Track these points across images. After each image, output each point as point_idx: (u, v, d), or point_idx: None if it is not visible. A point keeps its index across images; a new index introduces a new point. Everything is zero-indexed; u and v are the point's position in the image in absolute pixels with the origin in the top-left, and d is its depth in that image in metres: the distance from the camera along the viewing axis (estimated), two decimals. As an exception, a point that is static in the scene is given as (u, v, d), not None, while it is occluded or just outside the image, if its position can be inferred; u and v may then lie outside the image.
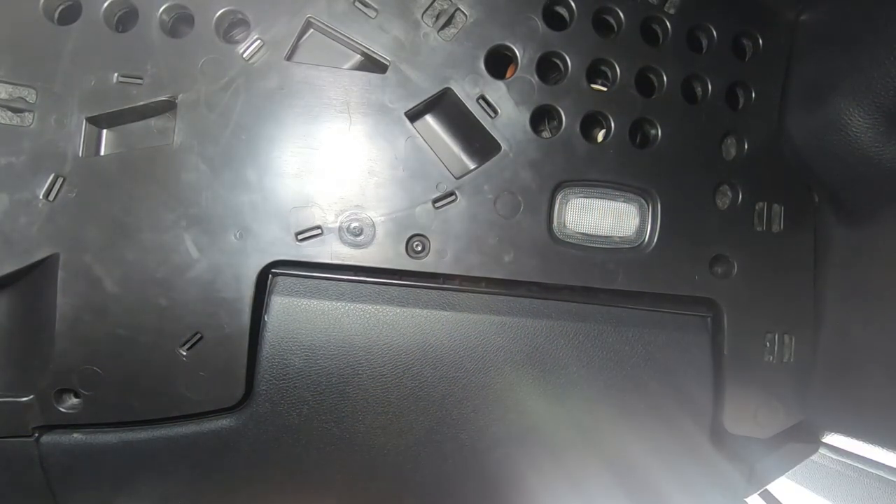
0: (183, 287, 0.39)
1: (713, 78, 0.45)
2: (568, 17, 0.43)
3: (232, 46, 0.40)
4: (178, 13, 0.41)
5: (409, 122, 0.41)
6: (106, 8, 0.39)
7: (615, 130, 0.43)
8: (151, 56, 0.39)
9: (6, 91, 0.39)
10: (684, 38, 0.44)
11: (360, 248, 0.41)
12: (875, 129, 0.39)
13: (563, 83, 0.42)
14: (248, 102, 0.40)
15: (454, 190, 0.41)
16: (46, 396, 0.39)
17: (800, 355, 0.47)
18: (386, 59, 0.41)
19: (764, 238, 0.46)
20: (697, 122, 0.45)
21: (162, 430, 0.41)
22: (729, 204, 0.46)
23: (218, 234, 0.40)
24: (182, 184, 0.39)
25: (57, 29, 0.39)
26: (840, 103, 0.40)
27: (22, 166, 0.38)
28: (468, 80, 0.42)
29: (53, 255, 0.38)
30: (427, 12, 0.42)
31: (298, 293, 0.42)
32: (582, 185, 0.44)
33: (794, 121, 0.45)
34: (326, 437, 0.43)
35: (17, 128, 0.39)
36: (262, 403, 0.42)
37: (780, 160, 0.46)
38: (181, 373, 0.40)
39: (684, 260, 0.44)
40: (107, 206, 0.39)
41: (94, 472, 0.42)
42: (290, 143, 0.40)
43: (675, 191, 0.44)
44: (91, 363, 0.39)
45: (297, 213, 0.40)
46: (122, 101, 0.39)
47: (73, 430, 0.41)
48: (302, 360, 0.42)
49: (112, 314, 0.39)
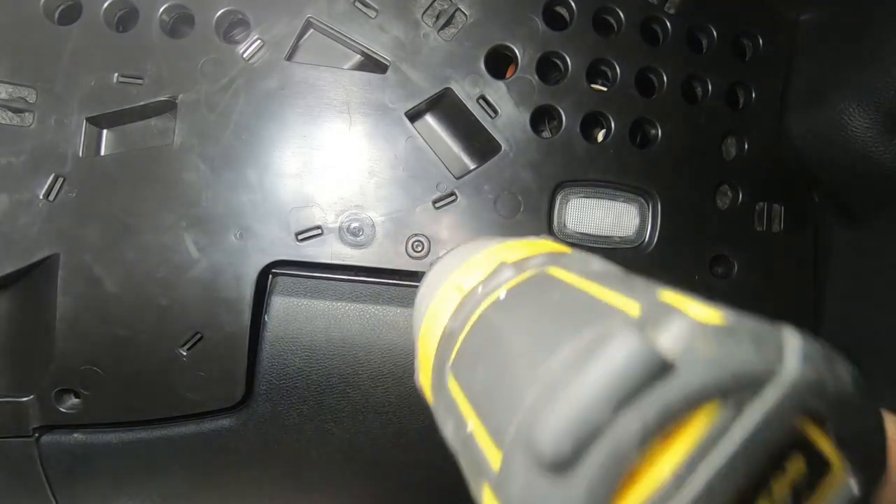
0: (183, 287, 0.39)
1: (713, 78, 0.45)
2: (568, 17, 0.43)
3: (232, 46, 0.40)
4: (179, 13, 0.41)
5: (410, 122, 0.41)
6: (106, 8, 0.39)
7: (615, 130, 0.43)
8: (152, 56, 0.39)
9: (6, 91, 0.39)
10: (684, 38, 0.44)
11: (360, 248, 0.41)
12: (875, 129, 0.39)
13: (563, 83, 0.42)
14: (248, 102, 0.40)
15: (454, 190, 0.41)
16: (46, 396, 0.39)
17: (800, 355, 0.47)
18: (386, 59, 0.41)
19: (764, 238, 0.46)
20: (697, 122, 0.45)
21: (162, 430, 0.41)
22: (729, 204, 0.46)
23: (218, 234, 0.40)
24: (182, 184, 0.39)
25: (57, 29, 0.39)
26: (840, 103, 0.40)
27: (22, 166, 0.38)
28: (468, 80, 0.42)
29: (53, 255, 0.38)
30: (427, 12, 0.42)
31: (298, 293, 0.42)
32: (582, 185, 0.44)
33: (794, 121, 0.45)
34: (326, 437, 0.43)
35: (17, 128, 0.39)
36: (262, 403, 0.42)
37: (780, 160, 0.46)
38: (181, 373, 0.40)
39: (684, 260, 0.44)
40: (107, 206, 0.39)
41: (94, 472, 0.42)
42: (290, 143, 0.40)
43: (675, 191, 0.44)
44: (91, 363, 0.39)
45: (298, 213, 0.40)
46: (122, 101, 0.39)
47: (73, 430, 0.41)
48: (302, 360, 0.42)
49: (112, 314, 0.39)
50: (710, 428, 0.09)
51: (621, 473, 0.09)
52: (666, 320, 0.10)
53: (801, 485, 0.10)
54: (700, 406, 0.10)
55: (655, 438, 0.10)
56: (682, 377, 0.10)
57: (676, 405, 0.09)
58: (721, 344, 0.10)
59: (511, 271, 0.19)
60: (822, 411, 0.10)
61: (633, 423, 0.09)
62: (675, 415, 0.09)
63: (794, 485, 0.10)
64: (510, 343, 0.14)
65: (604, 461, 0.09)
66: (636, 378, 0.10)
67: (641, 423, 0.09)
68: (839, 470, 0.11)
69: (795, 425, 0.10)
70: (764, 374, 0.10)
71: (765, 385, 0.10)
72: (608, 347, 0.10)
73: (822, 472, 0.10)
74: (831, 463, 0.10)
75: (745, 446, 0.09)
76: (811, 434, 0.10)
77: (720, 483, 0.09)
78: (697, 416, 0.10)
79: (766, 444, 0.10)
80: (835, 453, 0.11)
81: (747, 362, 0.10)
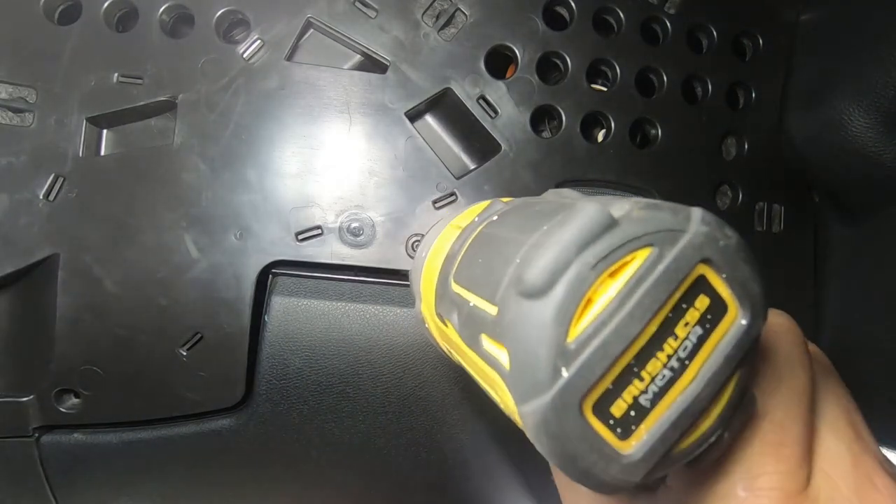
0: (183, 287, 0.39)
1: (713, 78, 0.45)
2: (568, 17, 0.43)
3: (232, 46, 0.40)
4: (178, 13, 0.41)
5: (410, 122, 0.41)
6: (106, 8, 0.39)
7: (615, 130, 0.43)
8: (151, 56, 0.39)
9: (6, 91, 0.39)
10: (684, 38, 0.44)
11: (360, 248, 0.41)
12: (875, 129, 0.39)
13: (563, 83, 0.42)
14: (248, 102, 0.40)
15: (454, 190, 0.41)
16: (46, 396, 0.39)
17: (800, 355, 0.47)
18: (386, 59, 0.41)
19: (764, 238, 0.46)
20: (697, 122, 0.45)
21: (162, 430, 0.41)
22: (729, 204, 0.46)
23: (218, 234, 0.40)
24: (182, 184, 0.39)
25: (57, 29, 0.39)
26: (840, 103, 0.40)
27: (22, 166, 0.38)
28: (468, 80, 0.42)
29: (53, 255, 0.38)
30: (427, 12, 0.42)
31: (298, 293, 0.42)
32: (582, 185, 0.44)
33: (794, 121, 0.45)
34: (326, 437, 0.43)
35: (17, 128, 0.39)
36: (262, 403, 0.42)
37: (780, 160, 0.46)
38: (181, 373, 0.40)
39: (684, 260, 0.44)
40: (107, 207, 0.39)
41: (94, 472, 0.42)
42: (290, 143, 0.40)
43: (675, 191, 0.44)
44: (91, 363, 0.39)
45: (298, 213, 0.40)
46: (122, 101, 0.39)
47: (73, 430, 0.41)
48: (302, 360, 0.42)
49: (112, 314, 0.39)
50: (642, 265, 0.14)
51: (581, 295, 0.14)
52: (616, 202, 0.16)
53: (706, 317, 0.15)
54: (636, 251, 0.14)
55: (605, 271, 0.14)
56: (624, 229, 0.14)
57: (619, 246, 0.14)
58: (650, 210, 0.15)
59: (502, 205, 0.25)
60: (715, 258, 0.15)
61: (590, 258, 0.14)
62: (618, 253, 0.14)
63: (702, 316, 0.15)
64: (501, 237, 0.19)
65: (569, 285, 0.14)
66: (593, 229, 0.14)
67: (595, 258, 0.14)
68: (734, 309, 0.15)
69: (698, 267, 0.15)
70: (677, 230, 0.15)
71: (678, 238, 0.14)
72: (576, 213, 0.15)
73: (723, 312, 0.15)
74: (728, 304, 0.15)
75: (665, 277, 0.14)
76: (712, 280, 0.15)
77: (649, 302, 0.14)
78: (635, 258, 0.14)
79: (678, 275, 0.14)
80: (730, 296, 0.15)
81: (666, 221, 0.15)
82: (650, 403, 0.14)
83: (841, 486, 0.17)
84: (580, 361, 0.14)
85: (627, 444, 0.14)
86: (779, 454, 0.17)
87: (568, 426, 0.14)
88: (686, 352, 0.15)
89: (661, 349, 0.14)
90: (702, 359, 0.15)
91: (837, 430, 0.18)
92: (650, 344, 0.14)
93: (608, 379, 0.14)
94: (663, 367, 0.14)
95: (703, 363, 0.15)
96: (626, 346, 0.14)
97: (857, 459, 0.17)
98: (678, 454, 0.15)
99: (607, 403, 0.14)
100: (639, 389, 0.14)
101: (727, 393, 0.15)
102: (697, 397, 0.15)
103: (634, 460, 0.14)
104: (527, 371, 0.14)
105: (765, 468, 0.16)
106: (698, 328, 0.15)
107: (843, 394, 0.20)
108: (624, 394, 0.14)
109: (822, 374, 0.20)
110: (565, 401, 0.14)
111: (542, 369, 0.14)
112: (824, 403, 0.19)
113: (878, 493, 0.17)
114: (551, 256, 0.14)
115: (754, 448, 0.17)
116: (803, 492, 0.17)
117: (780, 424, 0.17)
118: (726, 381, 0.15)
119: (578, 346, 0.14)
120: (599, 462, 0.14)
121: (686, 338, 0.15)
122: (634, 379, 0.14)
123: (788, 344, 0.19)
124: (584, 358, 0.14)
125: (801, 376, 0.18)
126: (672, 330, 0.15)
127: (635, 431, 0.14)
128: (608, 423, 0.14)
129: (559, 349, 0.14)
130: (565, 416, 0.14)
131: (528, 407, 0.14)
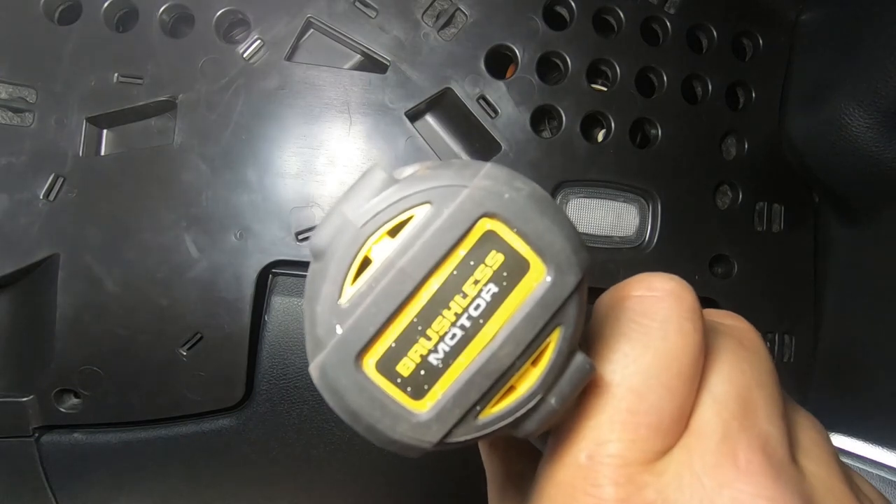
0: (183, 287, 0.39)
1: (713, 78, 0.45)
2: (568, 16, 0.43)
3: (232, 46, 0.40)
4: (179, 13, 0.41)
5: (410, 121, 0.41)
6: (106, 8, 0.39)
7: (615, 130, 0.43)
8: (151, 56, 0.39)
9: (6, 91, 0.39)
10: (684, 38, 0.44)
11: (360, 248, 0.41)
12: (875, 129, 0.39)
13: (563, 83, 0.42)
14: (248, 102, 0.40)
15: (454, 190, 0.41)
16: (46, 396, 0.39)
17: (800, 355, 0.47)
18: (386, 59, 0.41)
19: (764, 238, 0.46)
20: (697, 122, 0.45)
21: (162, 430, 0.41)
22: (729, 204, 0.46)
23: (218, 234, 0.40)
24: (182, 184, 0.39)
25: (57, 29, 0.39)
26: (840, 103, 0.40)
27: (22, 166, 0.38)
28: (468, 80, 0.42)
29: (53, 255, 0.38)
30: (427, 12, 0.42)
31: (299, 293, 0.42)
32: (582, 185, 0.44)
33: (794, 121, 0.45)
34: (326, 437, 0.43)
35: (17, 128, 0.39)
36: (262, 403, 0.42)
37: (780, 160, 0.46)
38: (181, 373, 0.40)
39: (685, 260, 0.44)
40: (107, 206, 0.39)
41: (94, 472, 0.42)
42: (290, 143, 0.40)
43: (675, 191, 0.44)
44: (91, 363, 0.39)
45: (298, 213, 0.40)
46: (122, 101, 0.39)
47: (73, 430, 0.41)
48: (302, 360, 0.41)
49: (112, 314, 0.39)
50: (417, 222, 0.14)
51: (352, 254, 0.14)
52: (420, 164, 0.15)
53: (501, 274, 0.14)
54: (412, 208, 0.14)
55: (379, 230, 0.14)
56: (400, 188, 0.14)
57: (390, 204, 0.14)
58: (435, 169, 0.15)
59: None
60: (500, 212, 0.14)
61: (360, 219, 0.14)
62: (388, 211, 0.14)
63: (496, 273, 0.14)
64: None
65: (340, 246, 0.14)
66: (372, 189, 0.14)
67: (365, 218, 0.14)
68: (538, 265, 0.15)
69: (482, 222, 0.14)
70: (458, 185, 0.14)
71: (459, 193, 0.14)
72: (361, 177, 0.15)
73: (524, 269, 0.15)
74: (528, 260, 0.15)
75: (439, 233, 0.14)
76: (504, 235, 0.14)
77: (424, 258, 0.14)
78: (414, 215, 0.14)
79: (456, 231, 0.14)
80: (529, 251, 0.14)
81: (447, 177, 0.14)
82: (442, 363, 0.14)
83: (696, 461, 0.16)
84: (353, 319, 0.14)
85: (422, 404, 0.14)
86: (628, 422, 0.16)
87: (345, 381, 0.14)
88: (479, 310, 0.14)
89: (448, 307, 0.14)
90: (502, 318, 0.14)
91: (720, 405, 0.16)
92: (433, 302, 0.14)
93: (388, 337, 0.14)
94: (452, 326, 0.14)
95: (504, 323, 0.14)
96: (398, 303, 0.14)
97: (727, 435, 0.16)
98: (489, 418, 0.15)
99: (392, 362, 0.14)
100: (426, 349, 0.14)
101: (546, 355, 0.15)
102: (494, 356, 0.14)
103: (425, 420, 0.14)
104: (311, 329, 0.15)
105: (611, 436, 0.16)
106: (492, 286, 0.14)
107: (749, 370, 0.17)
108: (410, 352, 0.14)
109: (730, 346, 0.18)
110: (341, 357, 0.14)
111: (320, 326, 0.14)
112: (717, 376, 0.17)
113: (736, 469, 0.15)
114: (328, 220, 0.15)
115: (604, 416, 0.16)
116: (652, 462, 0.16)
117: (637, 392, 0.16)
118: (534, 342, 0.14)
119: (352, 305, 0.14)
120: (384, 419, 0.14)
121: (478, 296, 0.14)
122: (420, 338, 0.14)
123: (666, 309, 0.17)
124: (356, 315, 0.14)
125: (675, 344, 0.16)
126: (459, 288, 0.14)
127: (429, 391, 0.14)
128: (396, 382, 0.14)
129: (333, 308, 0.14)
130: (342, 372, 0.14)
131: (312, 363, 0.14)
